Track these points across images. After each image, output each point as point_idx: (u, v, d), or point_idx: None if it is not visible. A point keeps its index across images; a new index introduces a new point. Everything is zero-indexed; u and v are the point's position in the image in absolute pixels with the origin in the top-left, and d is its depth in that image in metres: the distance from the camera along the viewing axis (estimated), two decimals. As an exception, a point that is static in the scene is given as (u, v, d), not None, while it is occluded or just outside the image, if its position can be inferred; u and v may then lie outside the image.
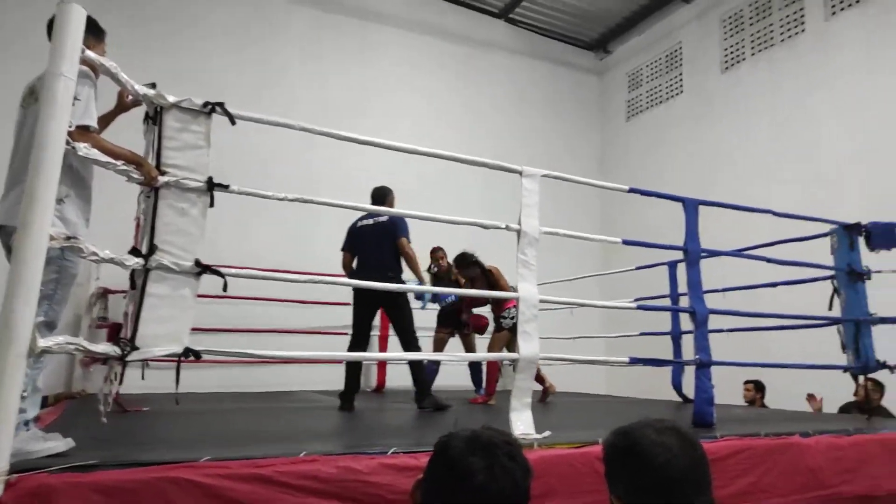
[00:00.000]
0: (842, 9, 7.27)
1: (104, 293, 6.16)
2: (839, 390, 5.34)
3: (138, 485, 1.87)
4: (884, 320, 4.37)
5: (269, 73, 7.94)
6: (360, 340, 4.90)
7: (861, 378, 4.42)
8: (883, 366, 4.30)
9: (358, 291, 4.86)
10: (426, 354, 5.38)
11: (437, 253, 6.16)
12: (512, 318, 5.31)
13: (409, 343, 4.75)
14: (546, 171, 3.36)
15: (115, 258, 2.28)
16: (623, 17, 9.89)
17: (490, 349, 5.57)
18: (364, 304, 4.91)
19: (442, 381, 6.58)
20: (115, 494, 1.85)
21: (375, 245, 4.87)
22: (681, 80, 9.35)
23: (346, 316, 7.37)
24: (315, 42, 8.38)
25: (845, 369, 4.41)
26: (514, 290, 3.17)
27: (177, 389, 2.31)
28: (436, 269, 6.11)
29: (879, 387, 5.31)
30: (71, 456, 2.07)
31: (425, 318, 6.22)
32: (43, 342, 1.93)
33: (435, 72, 9.19)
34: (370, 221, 4.99)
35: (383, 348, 7.29)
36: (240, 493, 1.97)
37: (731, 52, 8.58)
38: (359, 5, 8.73)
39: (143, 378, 2.53)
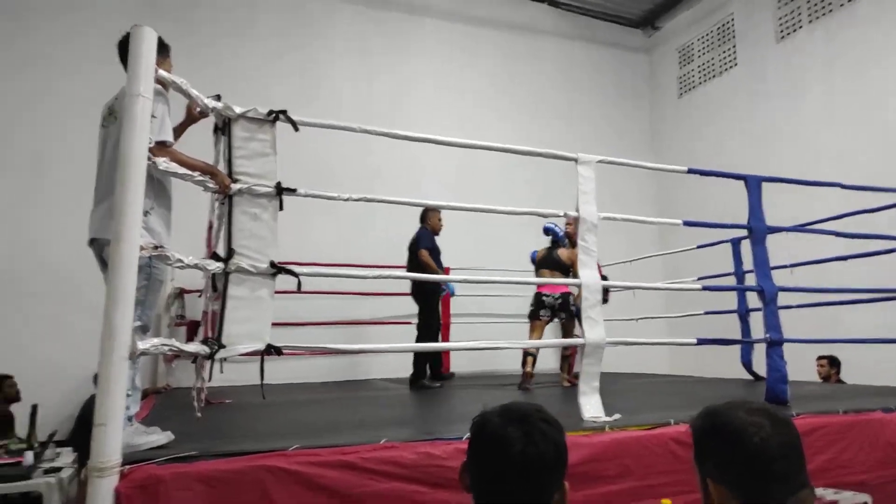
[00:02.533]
0: (905, -35, 6.90)
1: (180, 293, 6.48)
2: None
3: (236, 474, 2.01)
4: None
5: (315, 74, 8.08)
6: None
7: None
8: (967, 337, 4.12)
9: None
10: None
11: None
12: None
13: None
14: (601, 157, 3.36)
15: (199, 263, 2.44)
16: (671, -10, 9.63)
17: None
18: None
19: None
20: (216, 483, 1.99)
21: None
22: (734, 52, 9.04)
23: (407, 306, 7.59)
24: (359, 39, 8.49)
25: (924, 342, 4.25)
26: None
27: (262, 383, 2.45)
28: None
29: None
30: (172, 448, 2.23)
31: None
32: (141, 345, 2.10)
33: (480, 61, 9.18)
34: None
35: (446, 338, 7.41)
36: (328, 480, 2.09)
37: (787, 21, 8.25)
38: (402, -1, 8.81)
39: (221, 372, 2.67)
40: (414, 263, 5.69)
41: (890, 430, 3.10)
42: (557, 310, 5.48)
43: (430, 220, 6.12)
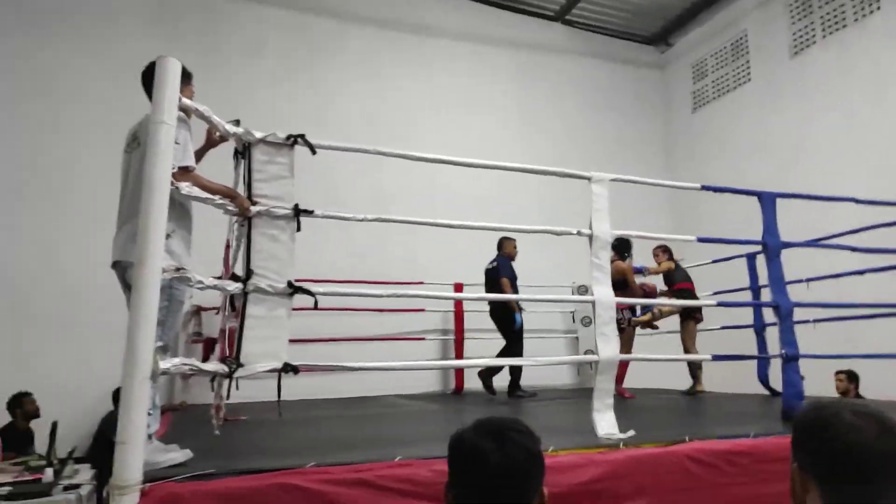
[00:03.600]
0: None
1: (197, 310, 6.56)
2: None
3: (253, 491, 2.05)
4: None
5: (325, 94, 8.14)
6: None
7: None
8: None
9: None
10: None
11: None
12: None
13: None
14: (614, 174, 3.40)
15: (218, 284, 2.50)
16: (683, 8, 9.67)
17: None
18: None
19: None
20: (234, 500, 2.03)
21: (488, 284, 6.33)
22: (748, 67, 9.05)
23: (419, 322, 7.63)
24: (371, 59, 8.58)
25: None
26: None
27: (279, 402, 2.49)
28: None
29: None
30: (190, 466, 2.27)
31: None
32: (163, 365, 2.15)
33: (493, 80, 9.25)
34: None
35: (459, 354, 7.42)
36: (344, 497, 2.12)
37: (800, 36, 8.25)
38: (414, 20, 8.90)
39: (237, 388, 2.71)
40: (495, 291, 6.03)
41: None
42: None
43: (505, 248, 6.40)
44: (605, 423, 3.04)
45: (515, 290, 6.07)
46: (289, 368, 2.53)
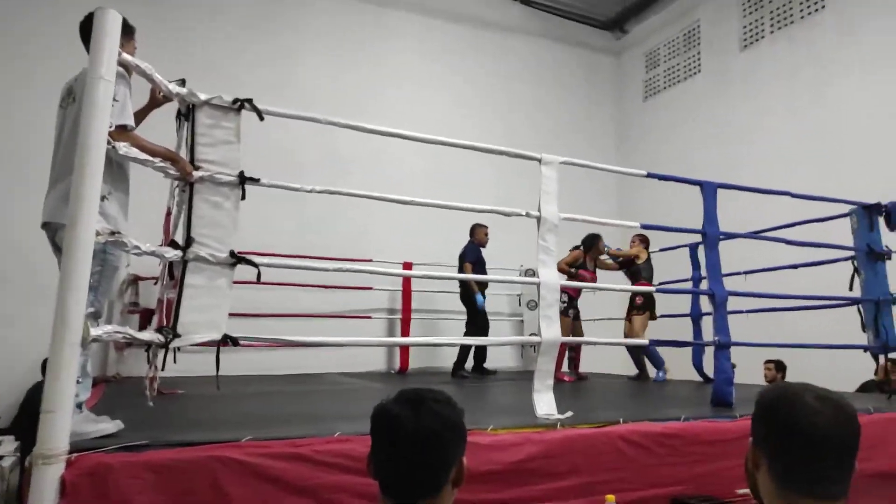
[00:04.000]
0: (864, -17, 7.16)
1: (135, 280, 6.34)
2: (858, 370, 5.37)
3: (187, 463, 2.00)
4: (904, 300, 4.39)
5: (284, 64, 7.97)
6: None
7: (881, 358, 4.46)
8: (903, 345, 4.33)
9: None
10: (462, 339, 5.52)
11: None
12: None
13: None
14: (564, 158, 3.42)
15: (156, 251, 2.41)
16: (641, -5, 9.80)
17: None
18: None
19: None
20: (166, 472, 1.98)
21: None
22: (699, 59, 9.26)
23: (366, 300, 7.58)
24: (331, 30, 8.39)
25: (865, 349, 4.45)
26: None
27: (217, 375, 2.43)
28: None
29: None
30: (121, 437, 2.20)
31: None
32: (94, 331, 2.06)
33: (449, 56, 9.18)
34: None
35: (406, 333, 7.42)
36: (280, 471, 2.09)
37: (751, 30, 8.48)
38: (375, -9, 8.74)
39: (175, 362, 2.63)
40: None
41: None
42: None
43: (476, 235, 6.63)
44: (544, 403, 3.09)
45: (483, 274, 6.29)
46: (228, 340, 2.46)
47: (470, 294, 6.42)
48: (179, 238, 2.59)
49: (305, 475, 2.11)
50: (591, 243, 6.22)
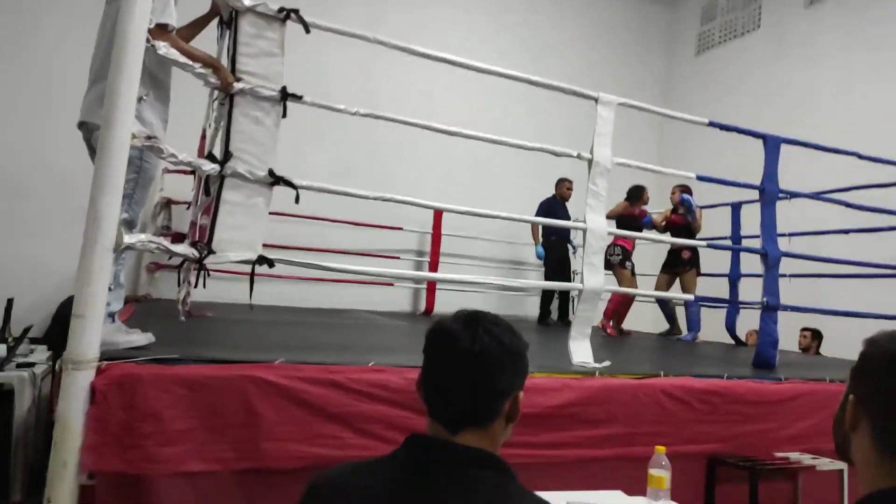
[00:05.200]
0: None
1: (168, 203, 6.29)
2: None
3: (218, 381, 1.94)
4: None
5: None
6: None
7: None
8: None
9: None
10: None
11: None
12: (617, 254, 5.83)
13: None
14: (622, 99, 3.22)
15: (193, 162, 2.31)
16: (702, -60, 9.22)
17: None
18: None
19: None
20: (196, 388, 1.92)
21: None
22: (759, 13, 8.73)
23: (395, 240, 7.50)
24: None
25: (916, 321, 4.25)
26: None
27: (251, 296, 2.36)
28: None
29: None
30: (152, 350, 2.15)
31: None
32: (128, 238, 1.98)
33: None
34: None
35: (433, 272, 7.35)
36: (312, 396, 2.03)
37: (819, -15, 7.94)
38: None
39: (204, 287, 2.57)
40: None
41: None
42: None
43: (557, 189, 6.76)
44: (581, 351, 2.98)
45: (553, 228, 6.47)
46: (264, 260, 2.38)
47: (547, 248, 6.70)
48: (217, 153, 2.48)
49: (339, 402, 2.05)
50: (638, 195, 6.02)
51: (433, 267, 7.41)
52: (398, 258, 7.54)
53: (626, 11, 9.86)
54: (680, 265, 6.07)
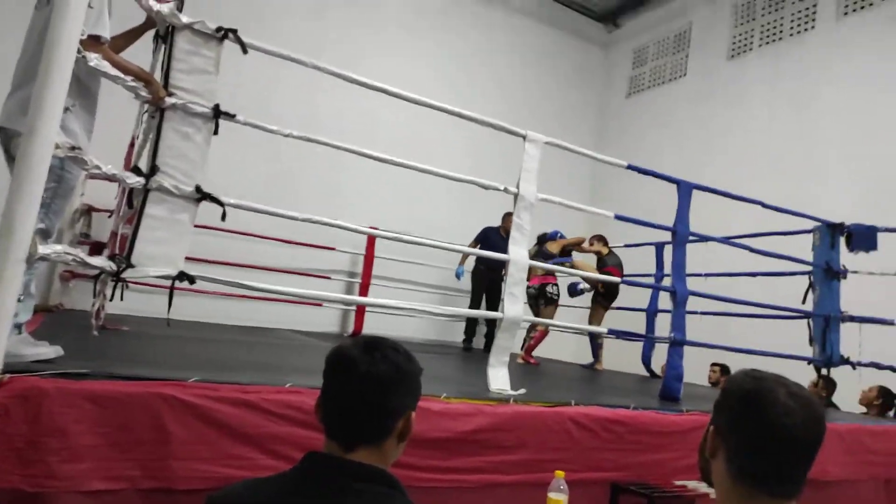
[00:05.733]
0: (854, 10, 7.26)
1: (88, 210, 6.08)
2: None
3: (128, 397, 1.91)
4: (853, 318, 4.52)
5: (263, 9, 7.64)
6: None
7: (822, 371, 4.61)
8: (846, 361, 4.47)
9: None
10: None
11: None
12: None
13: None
14: (549, 138, 3.39)
15: (118, 174, 2.29)
16: (639, -10, 9.76)
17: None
18: None
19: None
20: (105, 404, 1.88)
21: None
22: (686, 62, 9.31)
23: (327, 261, 7.48)
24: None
25: (810, 361, 4.58)
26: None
27: (168, 312, 2.34)
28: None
29: (832, 383, 5.42)
30: (60, 363, 2.09)
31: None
32: (42, 249, 1.95)
33: (440, 21, 9.00)
34: None
35: (363, 295, 7.36)
36: (226, 416, 2.02)
37: (740, 41, 8.55)
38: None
39: (122, 299, 2.52)
40: None
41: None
42: (537, 297, 5.98)
43: (503, 222, 6.78)
44: (499, 378, 3.08)
45: (483, 258, 6.65)
46: (185, 277, 2.37)
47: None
48: (143, 166, 2.47)
49: (252, 423, 2.05)
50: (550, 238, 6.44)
51: (364, 289, 7.42)
52: (329, 278, 7.52)
53: (567, 50, 10.31)
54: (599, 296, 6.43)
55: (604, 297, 6.49)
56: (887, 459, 3.84)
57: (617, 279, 4.78)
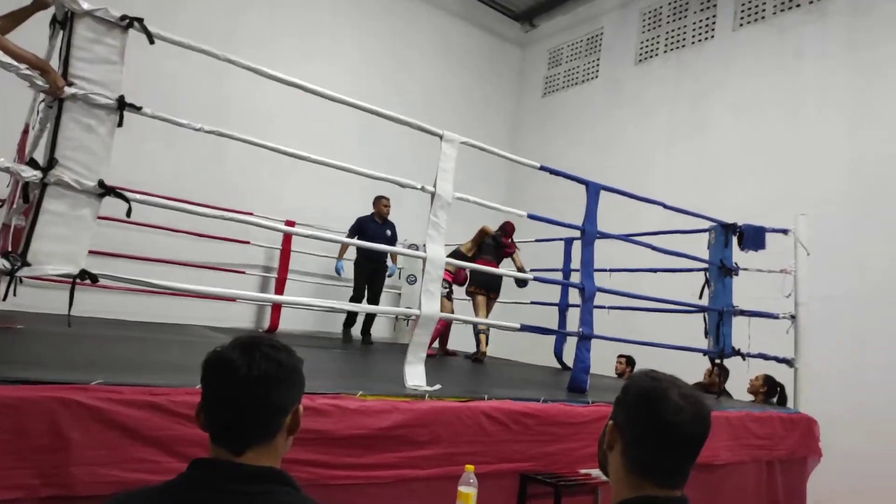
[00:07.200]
0: (748, 22, 7.79)
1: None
2: (693, 372, 5.92)
3: (25, 403, 1.82)
4: (743, 312, 4.88)
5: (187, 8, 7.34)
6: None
7: (717, 361, 4.95)
8: (737, 352, 4.82)
9: None
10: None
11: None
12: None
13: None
14: (465, 138, 3.46)
15: (11, 167, 2.16)
16: (555, -7, 10.03)
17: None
18: None
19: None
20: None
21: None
22: (597, 65, 9.68)
23: (241, 254, 7.28)
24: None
25: (705, 353, 4.91)
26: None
27: (69, 311, 2.24)
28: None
29: (725, 371, 5.82)
30: (-54, 368, 1.97)
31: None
32: (-75, 247, 1.82)
33: (359, 13, 8.92)
34: None
35: (279, 291, 7.23)
36: (130, 419, 1.96)
37: (647, 46, 8.97)
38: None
39: (14, 294, 2.39)
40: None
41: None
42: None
43: (375, 206, 6.79)
44: (415, 375, 3.13)
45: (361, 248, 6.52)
46: (86, 276, 2.27)
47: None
48: (40, 158, 2.34)
49: (158, 425, 2.00)
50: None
51: (280, 284, 7.30)
52: (244, 273, 7.34)
53: (485, 48, 10.46)
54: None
55: (477, 287, 6.37)
56: (769, 443, 4.19)
57: (483, 268, 4.77)
